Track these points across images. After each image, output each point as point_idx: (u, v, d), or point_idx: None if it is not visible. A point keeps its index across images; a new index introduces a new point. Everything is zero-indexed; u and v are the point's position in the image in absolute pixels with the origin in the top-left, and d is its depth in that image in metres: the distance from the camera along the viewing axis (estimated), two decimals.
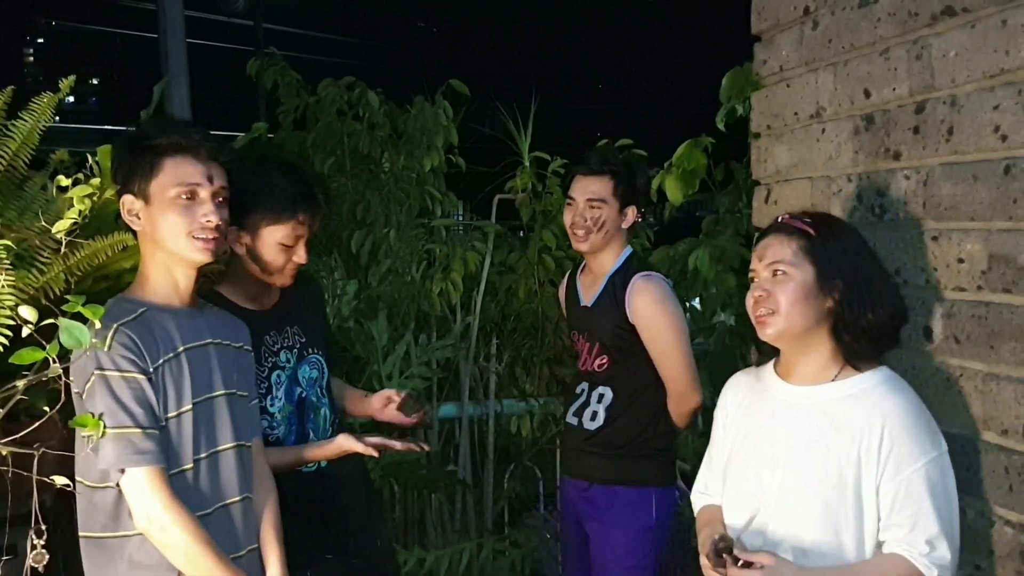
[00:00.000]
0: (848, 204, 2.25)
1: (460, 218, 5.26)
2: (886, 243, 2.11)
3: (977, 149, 1.83)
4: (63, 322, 1.64)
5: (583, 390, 2.81)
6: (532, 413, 4.06)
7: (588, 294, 2.81)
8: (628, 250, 2.77)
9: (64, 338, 1.63)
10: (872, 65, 2.15)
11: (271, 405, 2.27)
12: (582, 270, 2.90)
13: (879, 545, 1.73)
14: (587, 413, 2.76)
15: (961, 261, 1.89)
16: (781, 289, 1.77)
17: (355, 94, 4.04)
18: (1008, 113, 1.75)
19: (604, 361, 2.74)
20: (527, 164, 4.04)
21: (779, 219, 1.86)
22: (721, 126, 2.86)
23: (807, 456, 1.77)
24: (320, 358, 2.40)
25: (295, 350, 2.33)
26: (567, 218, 2.75)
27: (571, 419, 2.83)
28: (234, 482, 1.96)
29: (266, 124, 4.16)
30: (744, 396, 1.97)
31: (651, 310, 2.65)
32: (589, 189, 2.69)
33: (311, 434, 2.35)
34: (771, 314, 1.78)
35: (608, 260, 2.75)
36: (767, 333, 1.81)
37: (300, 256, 2.21)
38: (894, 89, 2.07)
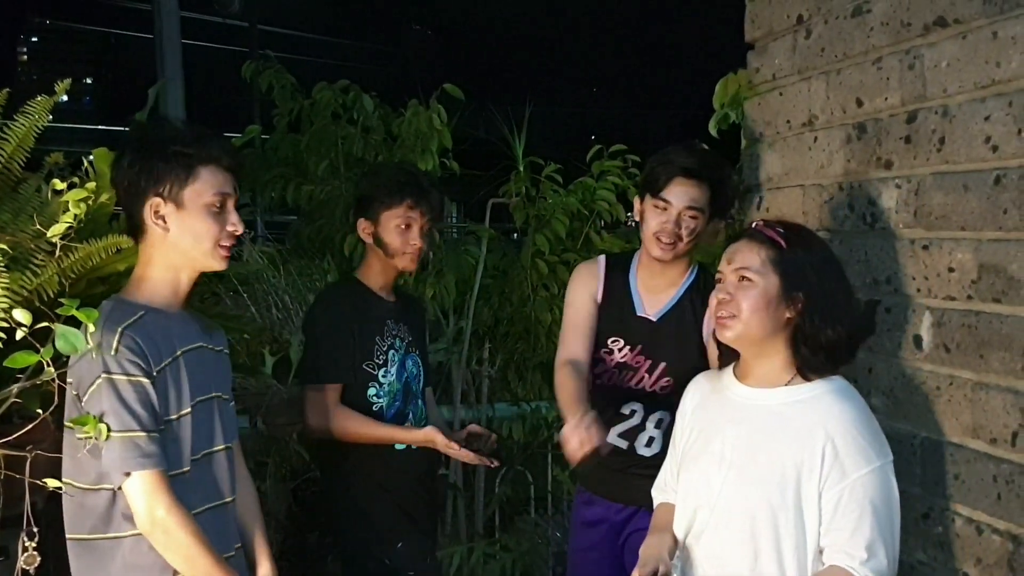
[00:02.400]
0: (839, 212, 2.26)
1: (454, 222, 5.27)
2: (877, 251, 2.12)
3: (968, 159, 1.85)
4: (59, 328, 1.64)
5: (634, 412, 2.53)
6: (524, 417, 4.06)
7: (652, 306, 2.52)
8: (694, 263, 2.55)
9: (60, 344, 1.63)
10: (864, 74, 2.16)
11: (383, 376, 2.56)
12: (635, 274, 2.57)
13: (821, 551, 1.75)
14: (641, 438, 2.52)
15: (951, 270, 1.90)
16: (744, 295, 1.81)
17: (350, 97, 4.05)
18: (999, 124, 1.76)
19: (668, 383, 2.48)
20: (521, 168, 4.05)
21: (753, 225, 1.88)
22: (714, 132, 2.87)
23: (752, 455, 1.81)
24: (419, 360, 2.70)
25: (405, 341, 2.65)
26: (653, 223, 2.41)
27: (617, 441, 2.52)
28: (225, 483, 1.98)
29: (260, 127, 4.16)
30: (702, 396, 2.01)
31: None
32: (690, 195, 2.37)
33: (410, 415, 2.63)
34: (732, 318, 1.82)
35: (678, 273, 2.51)
36: (726, 336, 1.86)
37: (415, 239, 2.56)
38: (886, 98, 2.08)
